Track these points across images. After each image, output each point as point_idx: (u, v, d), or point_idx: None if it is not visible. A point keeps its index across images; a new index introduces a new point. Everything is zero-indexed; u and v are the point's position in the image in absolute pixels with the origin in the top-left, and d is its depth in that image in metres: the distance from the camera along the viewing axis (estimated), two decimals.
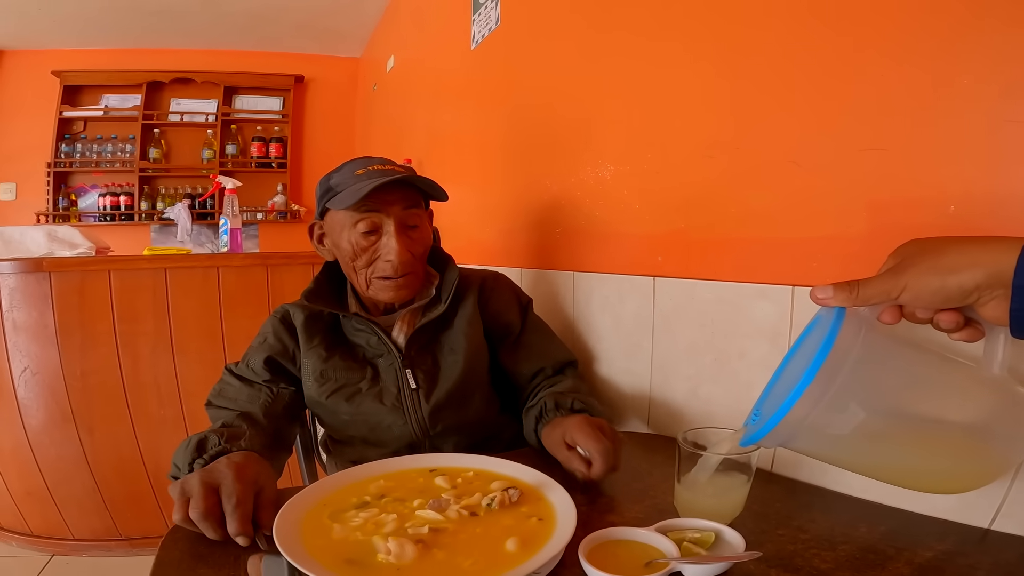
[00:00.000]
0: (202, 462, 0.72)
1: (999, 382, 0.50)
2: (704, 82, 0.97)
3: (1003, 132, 0.60)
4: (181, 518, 0.63)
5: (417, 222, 0.97)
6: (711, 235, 0.96)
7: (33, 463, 1.84)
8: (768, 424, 0.52)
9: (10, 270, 1.73)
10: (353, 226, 0.93)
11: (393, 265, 0.93)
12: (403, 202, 0.94)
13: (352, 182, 0.93)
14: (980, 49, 0.61)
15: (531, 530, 0.58)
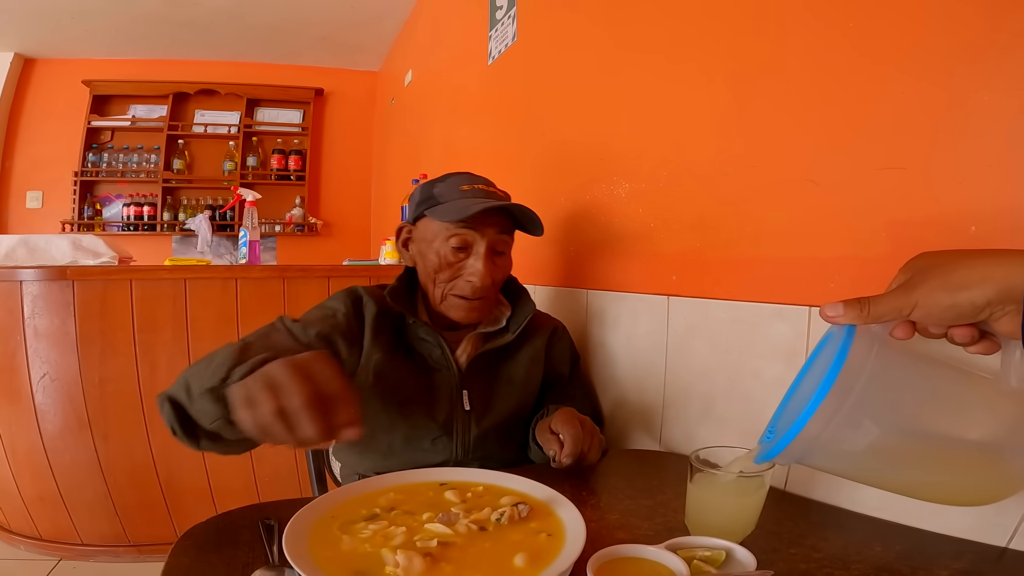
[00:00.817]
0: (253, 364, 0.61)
1: (1017, 395, 0.50)
2: (719, 99, 0.97)
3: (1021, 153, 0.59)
4: (272, 410, 0.51)
5: (505, 249, 1.00)
6: (726, 254, 0.96)
7: (47, 467, 1.86)
8: (782, 442, 0.51)
9: (34, 277, 1.76)
10: (446, 239, 0.95)
11: (473, 286, 0.95)
12: (498, 227, 0.97)
13: (457, 196, 0.96)
14: (1000, 65, 0.61)
15: (540, 546, 0.58)
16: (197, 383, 0.66)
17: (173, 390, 0.69)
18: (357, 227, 4.33)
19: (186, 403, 0.68)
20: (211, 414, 0.64)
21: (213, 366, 0.65)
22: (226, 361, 0.65)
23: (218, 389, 0.63)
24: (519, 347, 1.05)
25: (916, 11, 0.68)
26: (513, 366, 1.04)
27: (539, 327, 1.09)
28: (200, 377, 0.66)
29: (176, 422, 0.68)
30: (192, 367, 0.71)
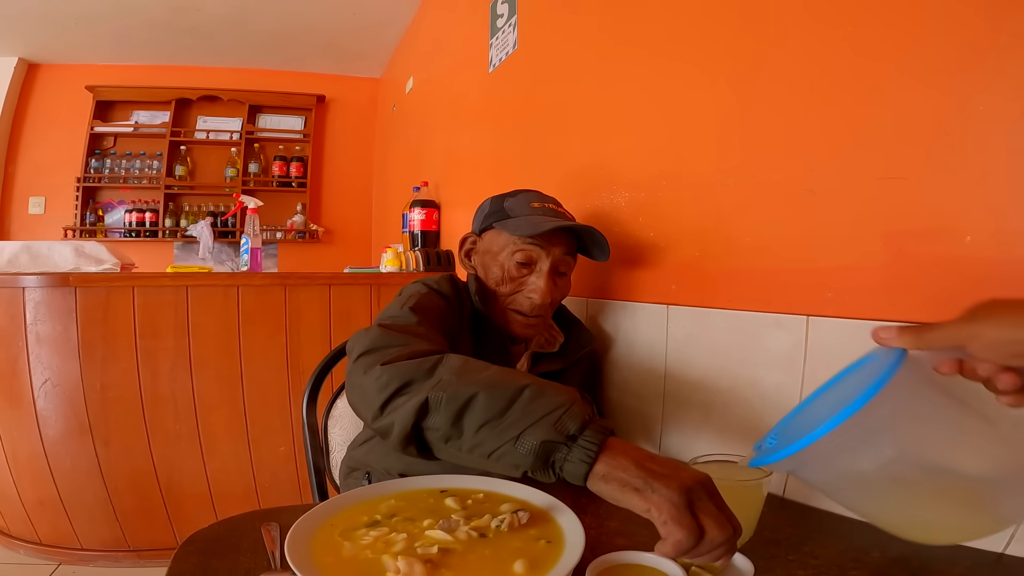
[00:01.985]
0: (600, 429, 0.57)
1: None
2: (719, 107, 0.99)
3: (1020, 160, 0.60)
4: (725, 539, 0.50)
5: (567, 270, 1.02)
6: (725, 264, 0.97)
7: (47, 472, 1.86)
8: (789, 449, 0.51)
9: (36, 284, 1.77)
10: (512, 253, 0.97)
11: (532, 303, 0.97)
12: (564, 247, 0.99)
13: (527, 212, 0.98)
14: (997, 74, 0.61)
15: (539, 552, 0.58)
16: (489, 415, 0.60)
17: (439, 397, 0.62)
18: (358, 234, 4.34)
19: (444, 417, 0.61)
20: (517, 461, 0.58)
21: (521, 408, 0.59)
22: (553, 420, 0.57)
23: (552, 449, 0.56)
24: (565, 372, 1.07)
25: (915, 19, 0.69)
26: None
27: (585, 356, 1.11)
28: (493, 407, 0.60)
29: (407, 423, 0.63)
30: (455, 379, 0.63)
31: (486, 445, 0.60)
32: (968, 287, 0.64)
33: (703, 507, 0.52)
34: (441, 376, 0.65)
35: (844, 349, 0.76)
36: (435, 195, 2.59)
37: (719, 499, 0.54)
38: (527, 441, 0.57)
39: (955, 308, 0.64)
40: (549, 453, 0.57)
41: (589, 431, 0.56)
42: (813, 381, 0.80)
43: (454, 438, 0.62)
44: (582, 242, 1.04)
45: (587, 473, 0.55)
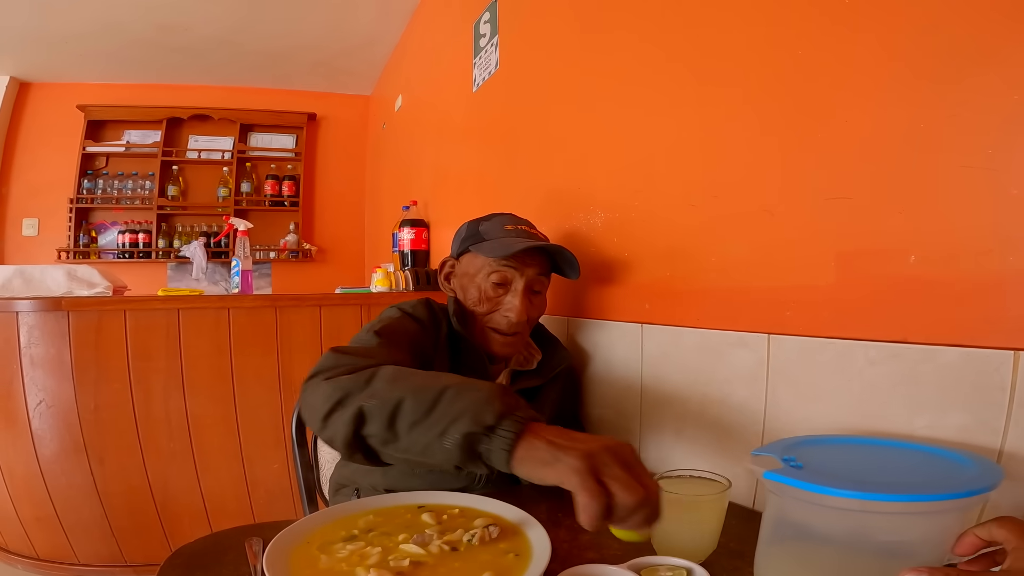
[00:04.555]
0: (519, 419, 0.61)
1: None
2: (685, 131, 1.03)
3: (958, 181, 0.64)
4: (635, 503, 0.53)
5: (541, 289, 1.06)
6: (694, 284, 1.00)
7: (44, 491, 1.88)
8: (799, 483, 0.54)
9: (30, 308, 1.80)
10: (488, 275, 1.02)
11: (509, 321, 1.02)
12: (538, 268, 1.04)
13: (501, 235, 1.03)
14: (940, 100, 0.65)
15: (507, 565, 0.61)
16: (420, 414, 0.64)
17: (363, 399, 0.67)
18: (351, 253, 4.36)
19: (379, 422, 0.65)
20: (448, 456, 0.62)
21: (447, 408, 0.63)
22: (471, 412, 0.61)
23: (476, 439, 0.60)
24: (544, 388, 1.11)
25: (863, 46, 0.73)
26: (539, 407, 1.08)
27: (562, 374, 1.15)
28: (421, 407, 0.64)
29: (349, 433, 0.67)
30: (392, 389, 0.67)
31: (418, 444, 0.64)
32: (912, 306, 0.68)
33: (609, 472, 0.54)
34: (375, 386, 0.69)
35: (802, 366, 0.80)
36: (424, 214, 2.63)
37: (631, 463, 0.56)
38: (452, 436, 0.61)
39: (900, 328, 0.68)
40: (473, 445, 0.60)
41: (507, 421, 0.60)
42: (775, 398, 0.83)
43: (391, 441, 0.66)
44: (555, 261, 1.08)
45: (509, 459, 0.59)
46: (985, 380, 0.60)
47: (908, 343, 0.67)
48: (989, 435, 0.60)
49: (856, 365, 0.72)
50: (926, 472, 0.56)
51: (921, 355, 0.66)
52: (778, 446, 0.64)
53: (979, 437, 0.61)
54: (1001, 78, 0.59)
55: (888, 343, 0.69)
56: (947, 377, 0.63)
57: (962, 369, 0.62)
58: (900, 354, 0.68)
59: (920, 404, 0.66)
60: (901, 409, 0.68)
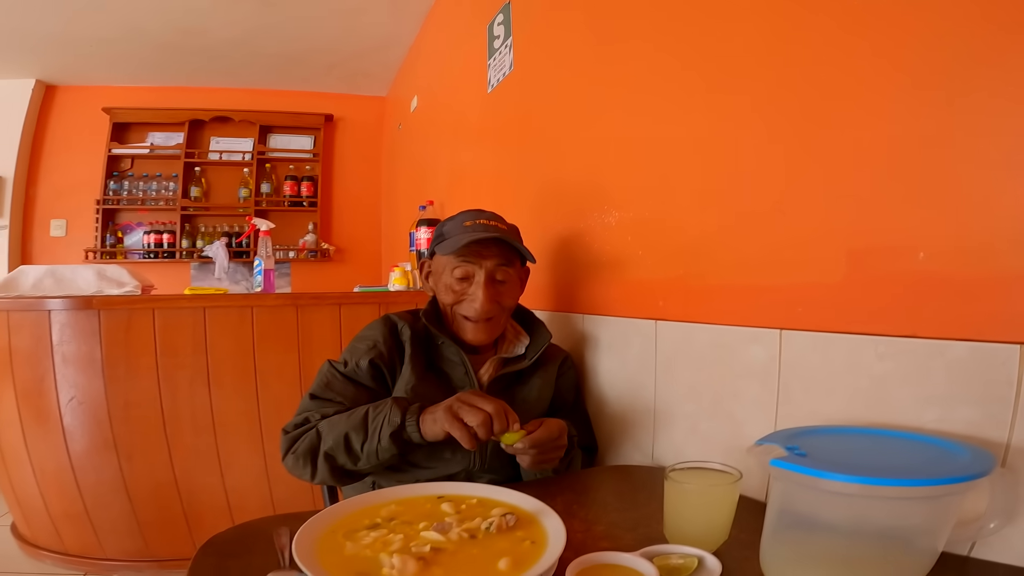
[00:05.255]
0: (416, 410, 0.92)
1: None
2: (699, 132, 1.04)
3: (965, 180, 0.65)
4: (481, 419, 0.84)
5: (504, 277, 1.11)
6: (707, 281, 1.02)
7: (74, 486, 1.94)
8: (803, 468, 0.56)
9: (62, 307, 1.85)
10: (451, 271, 1.10)
11: (475, 309, 1.08)
12: (498, 258, 1.09)
13: (459, 232, 1.09)
14: (946, 102, 0.67)
15: (523, 552, 0.64)
16: (361, 436, 0.93)
17: (328, 447, 0.95)
18: (369, 252, 4.42)
19: (342, 455, 0.95)
20: (389, 450, 0.92)
21: (373, 424, 0.93)
22: (386, 417, 0.92)
23: (399, 431, 0.91)
24: (533, 372, 1.15)
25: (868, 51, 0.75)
26: (528, 389, 1.14)
27: (551, 356, 1.21)
28: (359, 432, 0.93)
29: (330, 472, 0.96)
30: (333, 432, 0.96)
31: (371, 452, 0.93)
32: (921, 301, 0.69)
33: (461, 411, 0.86)
34: (324, 439, 0.97)
35: (813, 361, 0.81)
36: (440, 213, 2.65)
37: (473, 400, 0.87)
38: (384, 438, 0.92)
39: (909, 323, 0.69)
40: (398, 436, 0.91)
41: (408, 413, 0.92)
42: (787, 393, 0.85)
43: (356, 460, 0.95)
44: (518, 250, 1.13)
45: (420, 434, 0.90)
46: (992, 374, 0.61)
47: (917, 337, 0.69)
48: (997, 429, 0.61)
49: (866, 360, 0.74)
50: (923, 459, 0.58)
51: (930, 350, 0.67)
52: (781, 435, 0.66)
53: (987, 431, 0.62)
54: (1004, 80, 0.61)
55: (898, 338, 0.71)
56: (956, 371, 0.65)
57: (970, 363, 0.63)
58: (909, 349, 0.69)
59: (929, 398, 0.67)
60: (910, 403, 0.69)
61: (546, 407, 1.16)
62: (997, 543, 0.63)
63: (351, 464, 0.96)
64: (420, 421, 0.91)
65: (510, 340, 1.19)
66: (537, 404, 1.14)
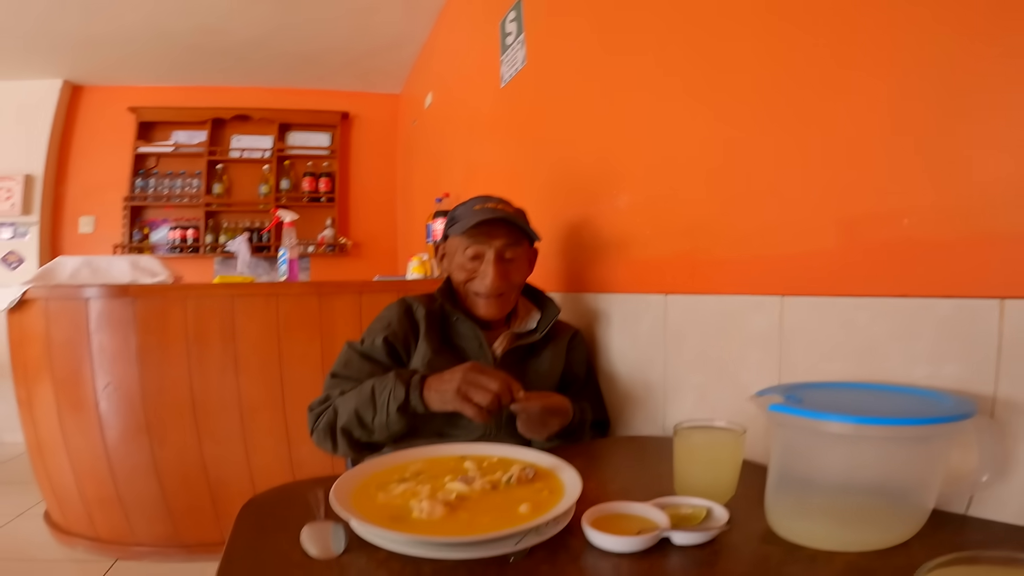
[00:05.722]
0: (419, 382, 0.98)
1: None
2: (702, 117, 1.09)
3: (942, 153, 0.69)
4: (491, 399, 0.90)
5: (513, 256, 1.19)
6: (713, 255, 1.07)
7: (108, 471, 2.00)
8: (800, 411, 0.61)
9: (98, 295, 1.93)
10: (463, 251, 1.17)
11: (486, 286, 1.15)
12: (506, 238, 1.17)
13: (470, 215, 1.16)
14: (924, 81, 0.71)
15: (543, 499, 0.69)
16: (371, 410, 1.00)
17: (344, 423, 1.03)
18: (385, 246, 4.49)
19: (356, 429, 1.02)
20: (398, 423, 0.98)
21: (380, 399, 0.99)
22: (391, 391, 0.98)
23: (405, 405, 0.97)
24: (544, 346, 1.22)
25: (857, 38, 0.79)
26: (540, 361, 1.21)
27: (562, 331, 1.28)
28: (368, 407, 1.00)
29: (348, 445, 1.05)
30: (348, 404, 1.03)
31: (381, 424, 0.99)
32: (908, 263, 0.74)
33: (469, 389, 0.91)
34: (340, 416, 1.04)
35: (812, 324, 0.86)
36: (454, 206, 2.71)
37: (479, 378, 0.92)
38: (392, 410, 0.97)
39: (898, 283, 0.73)
40: (404, 407, 0.97)
41: (411, 385, 0.97)
42: (788, 356, 0.90)
43: (370, 432, 1.02)
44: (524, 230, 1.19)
45: (425, 406, 0.96)
46: (976, 329, 0.65)
47: (906, 297, 0.73)
48: (983, 383, 0.65)
49: (860, 321, 0.78)
50: (911, 406, 0.63)
51: (917, 308, 0.72)
52: (780, 388, 0.71)
53: (974, 385, 0.66)
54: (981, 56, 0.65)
55: (888, 298, 0.75)
56: (942, 328, 0.69)
57: (955, 320, 0.68)
58: (899, 308, 0.74)
59: (918, 355, 0.72)
60: (901, 361, 0.74)
61: (557, 379, 1.22)
62: (993, 501, 0.66)
63: (366, 437, 1.03)
64: (425, 396, 0.96)
65: (521, 316, 1.25)
66: (548, 376, 1.20)
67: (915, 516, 0.62)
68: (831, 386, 0.74)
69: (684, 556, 0.62)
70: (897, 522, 0.62)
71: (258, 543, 0.68)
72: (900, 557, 0.59)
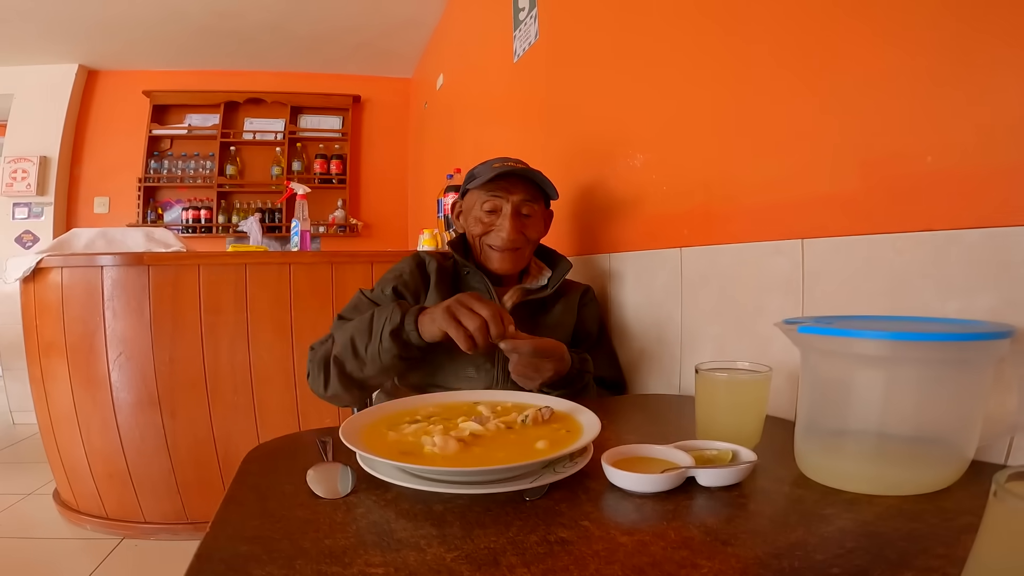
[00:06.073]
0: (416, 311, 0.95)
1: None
2: (714, 69, 1.07)
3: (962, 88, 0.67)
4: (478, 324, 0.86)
5: (530, 212, 1.19)
6: (730, 206, 1.05)
7: (118, 445, 1.99)
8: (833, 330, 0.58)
9: (113, 263, 1.93)
10: (481, 204, 1.17)
11: (501, 238, 1.15)
12: (523, 194, 1.17)
13: (488, 170, 1.16)
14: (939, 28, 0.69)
15: (560, 437, 0.67)
16: (366, 337, 0.97)
17: (338, 352, 1.00)
18: (395, 227, 4.51)
19: (350, 359, 0.99)
20: (390, 352, 0.95)
21: (379, 323, 0.96)
22: (391, 317, 0.95)
23: (398, 330, 0.94)
24: (555, 302, 1.22)
25: None
26: (550, 316, 1.20)
27: (573, 288, 1.27)
28: (365, 334, 0.97)
29: (338, 376, 1.00)
30: (346, 332, 1.00)
31: (373, 353, 0.96)
32: (933, 198, 0.71)
33: (458, 311, 0.88)
34: (336, 345, 1.02)
35: (835, 265, 0.83)
36: None
37: (474, 302, 0.88)
38: (385, 336, 0.95)
39: (924, 218, 0.72)
40: (398, 335, 0.95)
41: (407, 315, 0.95)
42: (811, 299, 0.87)
43: (363, 364, 0.98)
44: (542, 188, 1.19)
45: (418, 332, 0.93)
46: (1007, 257, 0.63)
47: (932, 230, 0.71)
48: (1018, 314, 0.62)
49: (885, 256, 0.76)
50: (946, 329, 0.59)
51: (945, 240, 0.69)
52: (808, 319, 0.67)
53: (1008, 316, 0.63)
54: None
55: (913, 232, 0.73)
56: (972, 258, 0.66)
57: (985, 249, 0.65)
58: (926, 241, 0.71)
59: (949, 288, 0.69)
60: (932, 295, 0.71)
61: (568, 334, 1.20)
62: None
63: (359, 371, 0.99)
64: (419, 321, 0.94)
65: (533, 275, 1.25)
66: (559, 331, 1.18)
67: (956, 459, 0.59)
68: (863, 317, 0.71)
69: (711, 497, 0.59)
70: (938, 464, 0.58)
71: (262, 485, 0.66)
72: (946, 500, 0.56)
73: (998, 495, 0.33)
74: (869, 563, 0.45)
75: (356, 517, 0.56)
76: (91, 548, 1.96)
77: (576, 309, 1.24)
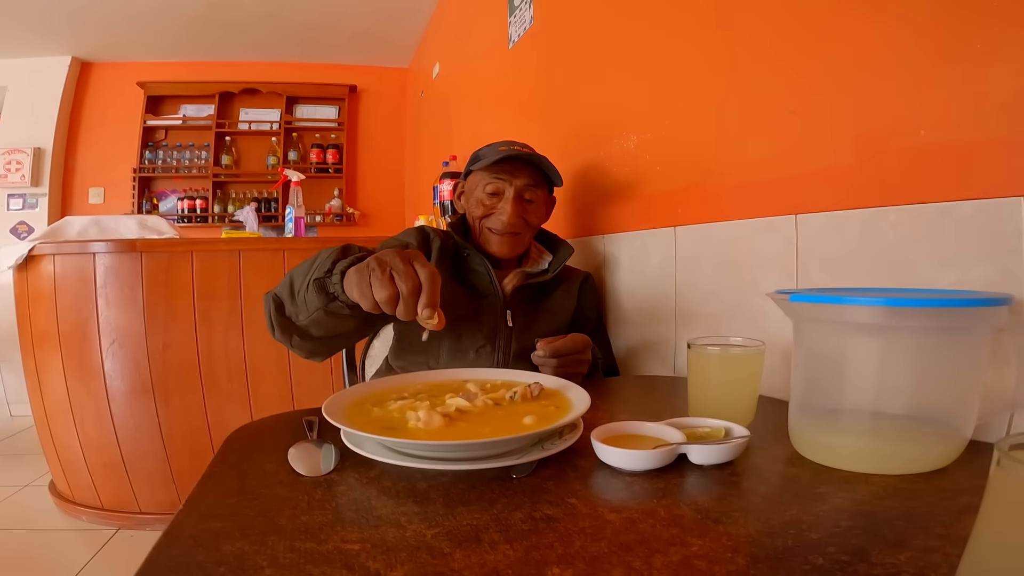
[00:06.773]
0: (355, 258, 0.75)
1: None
2: (707, 47, 1.07)
3: (956, 57, 0.66)
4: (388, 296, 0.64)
5: (533, 197, 1.16)
6: (724, 183, 1.03)
7: (112, 435, 1.98)
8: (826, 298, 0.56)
9: (106, 250, 1.92)
10: (484, 187, 1.15)
11: (502, 222, 1.13)
12: (527, 179, 1.15)
13: (493, 153, 1.15)
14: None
15: (548, 413, 0.65)
16: (301, 279, 0.80)
17: (278, 289, 0.85)
18: (391, 216, 4.50)
19: (287, 299, 0.83)
20: (314, 303, 0.78)
21: (316, 264, 0.79)
22: (330, 258, 0.78)
23: (323, 280, 0.77)
24: (555, 287, 1.20)
25: None
26: (550, 301, 1.19)
27: (573, 274, 1.26)
28: (304, 274, 0.80)
29: (275, 317, 0.84)
30: (295, 269, 0.84)
31: (302, 299, 0.80)
32: (926, 171, 0.70)
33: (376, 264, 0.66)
34: (282, 283, 0.86)
35: (829, 240, 0.81)
36: (463, 168, 2.68)
37: (401, 260, 0.66)
38: (311, 283, 0.77)
39: (917, 191, 0.71)
40: (324, 287, 0.77)
41: (339, 264, 0.75)
42: (806, 275, 0.86)
43: (300, 310, 0.81)
44: (546, 173, 1.17)
45: (342, 288, 0.74)
46: (1001, 228, 0.62)
47: (926, 203, 0.70)
48: (1015, 285, 0.61)
49: (880, 229, 0.74)
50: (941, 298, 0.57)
51: (939, 212, 0.68)
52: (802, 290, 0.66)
53: (1003, 287, 0.62)
54: None
55: (907, 205, 0.72)
56: (966, 230, 0.65)
57: (979, 221, 0.64)
58: (920, 214, 0.70)
59: (944, 260, 0.68)
60: (927, 268, 0.69)
61: (568, 319, 1.19)
62: None
63: (294, 313, 0.83)
64: (344, 277, 0.74)
65: (534, 259, 1.23)
66: (559, 315, 1.18)
67: (954, 437, 0.57)
68: (858, 289, 0.69)
69: (703, 475, 0.58)
70: (936, 441, 0.57)
71: (243, 464, 0.64)
72: (944, 480, 0.55)
73: (1002, 464, 0.30)
74: (866, 542, 0.43)
75: (336, 495, 0.54)
76: (87, 539, 1.96)
77: (576, 296, 1.23)
